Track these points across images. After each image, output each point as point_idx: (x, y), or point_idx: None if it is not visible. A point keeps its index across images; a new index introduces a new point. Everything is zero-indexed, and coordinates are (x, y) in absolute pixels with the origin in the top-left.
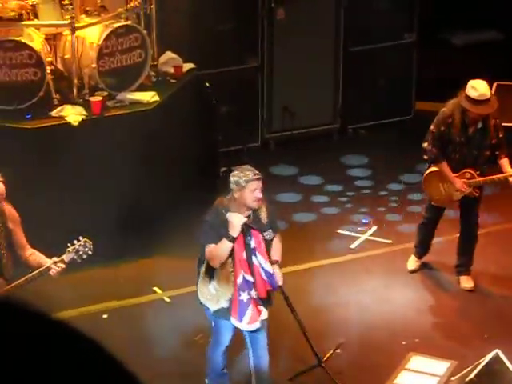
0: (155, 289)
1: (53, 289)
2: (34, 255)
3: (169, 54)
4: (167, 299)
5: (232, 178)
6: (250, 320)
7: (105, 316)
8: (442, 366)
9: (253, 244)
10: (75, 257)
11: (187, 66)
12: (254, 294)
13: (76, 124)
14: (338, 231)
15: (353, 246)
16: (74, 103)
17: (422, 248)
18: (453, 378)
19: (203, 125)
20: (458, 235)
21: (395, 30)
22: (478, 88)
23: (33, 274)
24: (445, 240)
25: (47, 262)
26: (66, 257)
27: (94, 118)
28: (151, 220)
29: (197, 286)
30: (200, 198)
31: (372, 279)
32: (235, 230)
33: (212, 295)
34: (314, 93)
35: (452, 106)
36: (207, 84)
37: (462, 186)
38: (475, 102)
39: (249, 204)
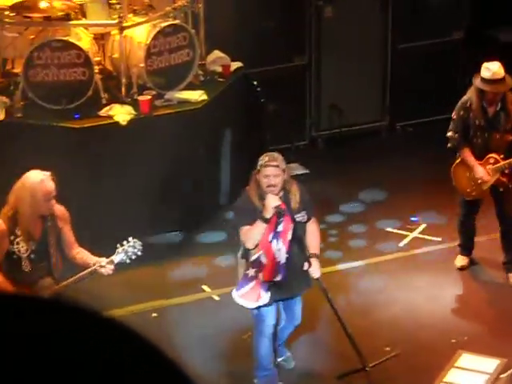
0: (204, 287)
1: (102, 287)
2: (81, 253)
3: (217, 53)
4: (216, 298)
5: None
6: (244, 295)
7: (154, 315)
8: (491, 364)
9: (280, 228)
10: (124, 257)
11: (235, 65)
12: (260, 276)
13: (124, 123)
14: (387, 229)
15: (401, 244)
16: (122, 102)
17: (467, 245)
18: (502, 376)
19: (251, 123)
20: (499, 230)
21: (443, 27)
22: (490, 68)
23: (82, 273)
24: (494, 236)
25: (94, 260)
26: (115, 257)
27: (142, 118)
28: (200, 219)
29: (236, 271)
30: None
31: (421, 277)
32: (268, 212)
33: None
34: (362, 90)
35: (470, 92)
36: (255, 83)
37: (483, 174)
38: (489, 81)
39: (263, 188)
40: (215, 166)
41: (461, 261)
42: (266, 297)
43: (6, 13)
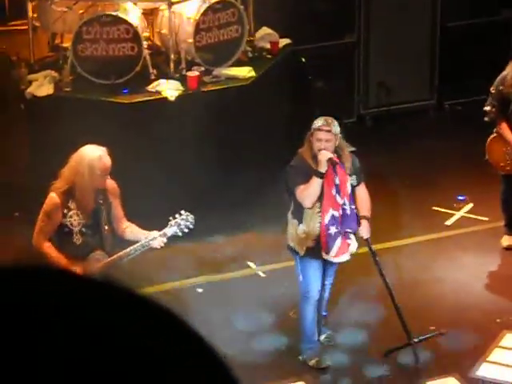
0: (250, 264)
1: (149, 262)
2: (130, 227)
3: (265, 30)
4: (262, 274)
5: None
6: (338, 252)
7: (200, 290)
8: None
9: (337, 181)
10: (177, 230)
11: (283, 42)
12: (339, 228)
13: (173, 99)
14: (434, 208)
15: (448, 222)
16: (170, 78)
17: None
18: None
19: (299, 100)
20: None
21: (492, 6)
22: None
23: (133, 246)
24: None
25: (144, 234)
26: (167, 230)
27: (190, 93)
28: (247, 195)
29: (286, 233)
30: None
31: (467, 257)
32: (322, 166)
33: (300, 239)
34: (411, 68)
35: (509, 66)
36: (303, 59)
37: None
38: None
39: (315, 151)
40: (264, 142)
41: (507, 240)
42: (354, 243)
43: None
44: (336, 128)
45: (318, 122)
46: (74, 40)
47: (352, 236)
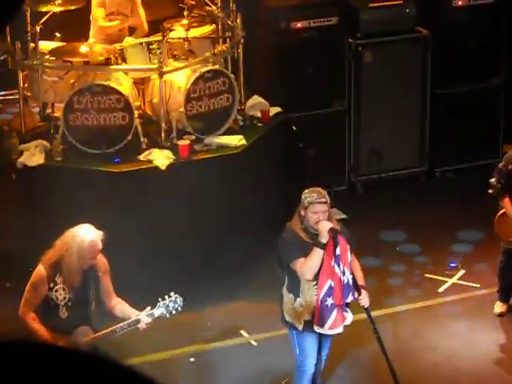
0: (242, 332)
1: (140, 331)
2: (120, 304)
3: (256, 98)
4: (254, 343)
5: (302, 196)
6: (333, 324)
7: (192, 359)
8: None
9: (338, 252)
10: (165, 312)
11: (274, 110)
12: (333, 299)
13: (164, 168)
14: (426, 275)
15: (441, 289)
16: (161, 147)
17: (506, 291)
18: None
19: (290, 168)
20: None
21: (482, 73)
22: None
23: (121, 324)
24: None
25: (134, 313)
26: (155, 311)
27: (181, 162)
28: (237, 264)
29: (281, 308)
30: None
31: (460, 323)
32: (323, 236)
33: (298, 313)
34: (401, 135)
35: None
36: (294, 127)
37: None
38: None
39: (312, 225)
40: (256, 211)
41: (499, 307)
42: (349, 315)
43: (47, 57)
44: (328, 197)
45: (312, 195)
46: (65, 110)
47: (348, 308)
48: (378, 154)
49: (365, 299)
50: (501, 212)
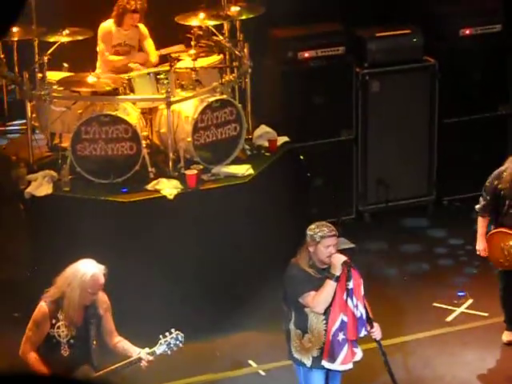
0: (250, 362)
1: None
2: (121, 342)
3: (263, 128)
4: (262, 373)
5: (308, 232)
6: (344, 360)
7: None
8: None
9: (351, 285)
10: (167, 349)
11: (281, 140)
12: (346, 334)
13: (171, 197)
14: (434, 304)
15: (449, 318)
16: (169, 177)
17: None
18: None
19: (298, 198)
20: None
21: (490, 102)
22: None
23: (122, 363)
24: None
25: (136, 351)
26: (157, 349)
27: (189, 192)
28: (245, 294)
29: (288, 344)
30: None
31: (468, 353)
32: (337, 269)
33: (306, 349)
34: (409, 165)
35: (508, 161)
36: (301, 157)
37: (482, 247)
38: None
39: (323, 259)
40: (263, 241)
41: (507, 336)
42: (359, 352)
43: (54, 87)
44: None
45: (323, 230)
46: (73, 140)
47: (357, 344)
48: (385, 184)
49: (377, 332)
50: (490, 233)
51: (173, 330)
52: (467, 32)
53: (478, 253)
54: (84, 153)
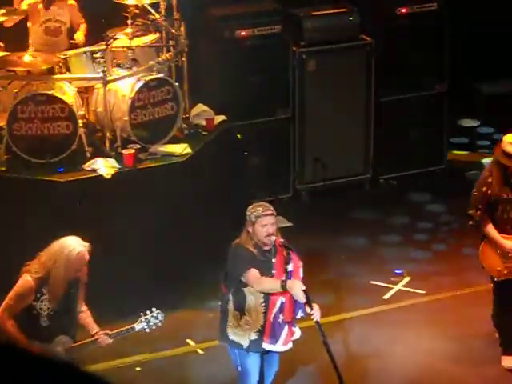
0: (188, 341)
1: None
2: (84, 314)
3: (200, 107)
4: (200, 351)
5: (246, 213)
6: (285, 341)
7: (138, 369)
8: None
9: (290, 268)
10: (146, 327)
11: (219, 118)
12: (281, 317)
13: (109, 177)
14: (371, 282)
15: (386, 296)
16: (106, 156)
17: (510, 342)
18: None
19: (234, 176)
20: None
21: (426, 80)
22: None
23: (82, 342)
24: None
25: (94, 329)
26: (137, 325)
27: (126, 171)
28: (182, 272)
29: (223, 326)
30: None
31: (406, 330)
32: (300, 297)
33: (244, 331)
34: (346, 143)
35: (490, 166)
36: (239, 136)
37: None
38: None
39: (262, 239)
40: (199, 220)
41: (508, 362)
42: (297, 330)
43: None
44: (274, 210)
45: (258, 209)
46: (9, 119)
47: (295, 323)
48: (322, 162)
49: (317, 313)
50: (482, 243)
51: (154, 309)
52: (403, 10)
53: (510, 255)
54: (20, 132)
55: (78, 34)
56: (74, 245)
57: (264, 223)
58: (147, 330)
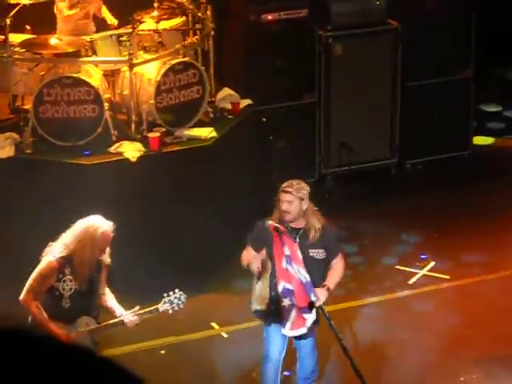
0: (213, 324)
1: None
2: (107, 296)
3: (226, 91)
4: (225, 335)
5: None
6: (293, 326)
7: (163, 352)
8: None
9: (287, 252)
10: (169, 307)
11: (244, 102)
12: (294, 301)
13: (134, 160)
14: (397, 267)
15: (411, 281)
16: (132, 139)
17: None
18: None
19: (260, 160)
20: None
21: (452, 66)
22: None
23: (107, 323)
24: None
25: (120, 311)
26: (160, 306)
27: (152, 154)
28: (207, 256)
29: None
30: None
31: (430, 315)
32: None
33: (256, 295)
34: (372, 128)
35: None
36: (264, 119)
37: None
38: None
39: (281, 214)
40: (225, 203)
41: None
42: (310, 316)
43: (16, 49)
44: (299, 192)
45: (283, 185)
46: (35, 102)
47: (309, 310)
48: (348, 147)
49: (318, 295)
50: None
51: (176, 290)
52: None
53: None
54: (46, 115)
55: (109, 17)
56: (98, 224)
57: (281, 199)
58: (170, 311)
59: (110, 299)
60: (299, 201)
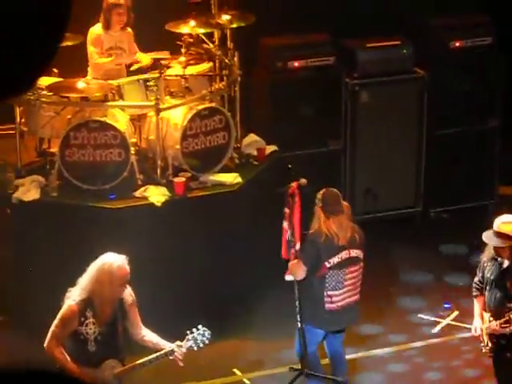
0: (235, 371)
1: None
2: (150, 335)
3: (252, 137)
4: (247, 381)
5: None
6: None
7: None
8: None
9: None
10: (193, 344)
11: (270, 149)
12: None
13: (159, 204)
14: (420, 315)
15: (434, 330)
16: (157, 184)
17: None
18: None
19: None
20: None
21: (478, 115)
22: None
23: (149, 358)
24: None
25: (167, 344)
26: (184, 344)
27: (177, 199)
28: (230, 302)
29: None
30: (279, 280)
31: (455, 363)
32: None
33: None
34: (397, 176)
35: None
36: (290, 166)
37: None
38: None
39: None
40: (250, 249)
41: None
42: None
43: (44, 92)
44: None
45: None
46: (62, 145)
47: None
48: (373, 194)
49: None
50: None
51: (200, 327)
52: (457, 44)
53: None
54: (72, 158)
55: (145, 58)
56: (111, 259)
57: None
58: (195, 349)
59: (151, 337)
60: None
